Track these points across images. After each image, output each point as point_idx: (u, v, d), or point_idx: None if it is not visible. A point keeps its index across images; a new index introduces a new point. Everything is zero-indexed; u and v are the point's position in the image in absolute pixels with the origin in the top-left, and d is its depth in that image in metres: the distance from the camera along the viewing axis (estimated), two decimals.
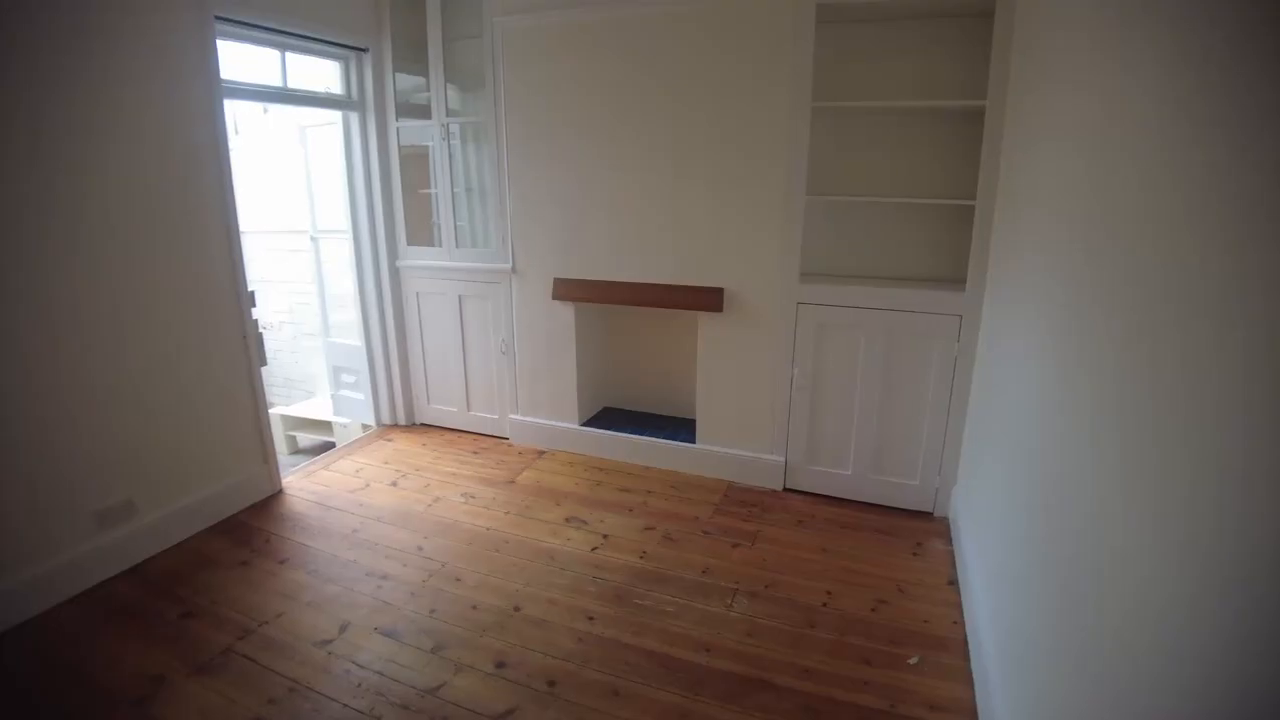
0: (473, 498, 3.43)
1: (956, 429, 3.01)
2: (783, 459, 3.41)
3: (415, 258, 4.13)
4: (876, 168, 3.22)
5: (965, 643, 2.31)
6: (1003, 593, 1.97)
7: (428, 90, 3.87)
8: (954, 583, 2.67)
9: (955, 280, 3.06)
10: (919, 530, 3.07)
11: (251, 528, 3.16)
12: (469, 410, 4.28)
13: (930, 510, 3.19)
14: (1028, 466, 1.82)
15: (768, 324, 3.28)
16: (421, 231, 4.18)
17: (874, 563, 2.81)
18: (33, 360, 2.44)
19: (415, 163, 4.11)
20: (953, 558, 2.84)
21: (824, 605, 2.54)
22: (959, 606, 2.52)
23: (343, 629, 2.44)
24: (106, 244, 2.63)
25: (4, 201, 2.31)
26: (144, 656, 2.30)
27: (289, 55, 3.48)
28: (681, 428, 3.84)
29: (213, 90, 2.95)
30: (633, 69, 3.26)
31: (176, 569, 2.81)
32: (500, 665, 2.24)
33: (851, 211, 3.30)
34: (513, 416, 4.12)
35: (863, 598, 2.58)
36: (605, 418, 4.09)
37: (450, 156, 3.95)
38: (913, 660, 2.24)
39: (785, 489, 3.44)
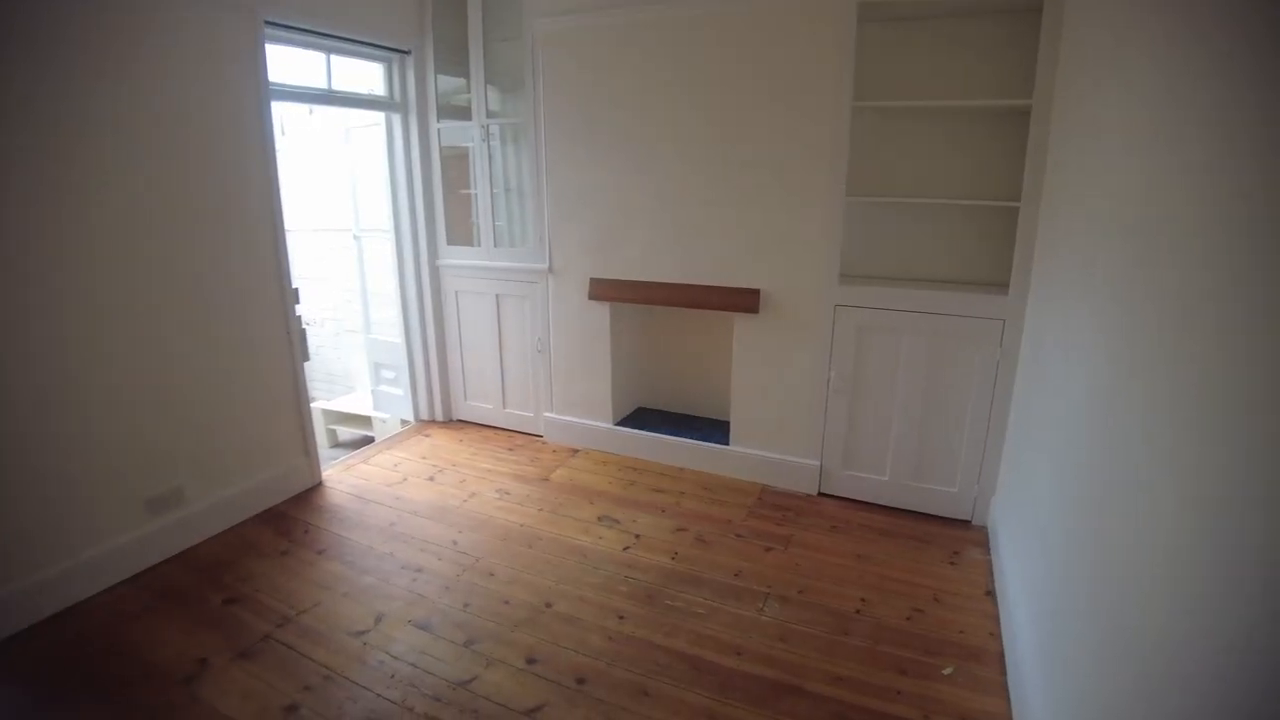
0: (507, 494, 3.47)
1: (997, 436, 2.94)
2: (818, 463, 3.37)
3: (455, 257, 4.19)
4: (917, 168, 3.16)
5: (1002, 655, 2.25)
6: (1043, 604, 1.91)
7: (468, 92, 3.93)
8: (991, 593, 2.60)
9: (997, 284, 2.99)
10: (956, 538, 3.00)
11: (292, 518, 3.24)
12: (505, 408, 4.32)
13: (968, 518, 3.11)
14: (1075, 474, 1.76)
15: (805, 326, 3.24)
16: (461, 231, 4.24)
17: (910, 570, 2.76)
18: (88, 353, 2.54)
19: (455, 163, 4.17)
20: (991, 568, 2.77)
21: (857, 612, 2.50)
22: (996, 618, 2.46)
23: (378, 620, 2.48)
24: (158, 241, 2.73)
25: (60, 199, 2.42)
26: (190, 639, 2.37)
27: (334, 58, 3.56)
28: (715, 429, 3.82)
29: (261, 92, 3.03)
30: (670, 69, 3.25)
31: (221, 556, 2.90)
32: (531, 661, 2.26)
33: (891, 213, 3.24)
34: (547, 415, 4.15)
35: (897, 606, 2.54)
36: (639, 418, 4.09)
37: (490, 157, 4.00)
38: (947, 671, 2.19)
39: (820, 494, 3.40)
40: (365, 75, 3.93)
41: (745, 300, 3.32)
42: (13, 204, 2.28)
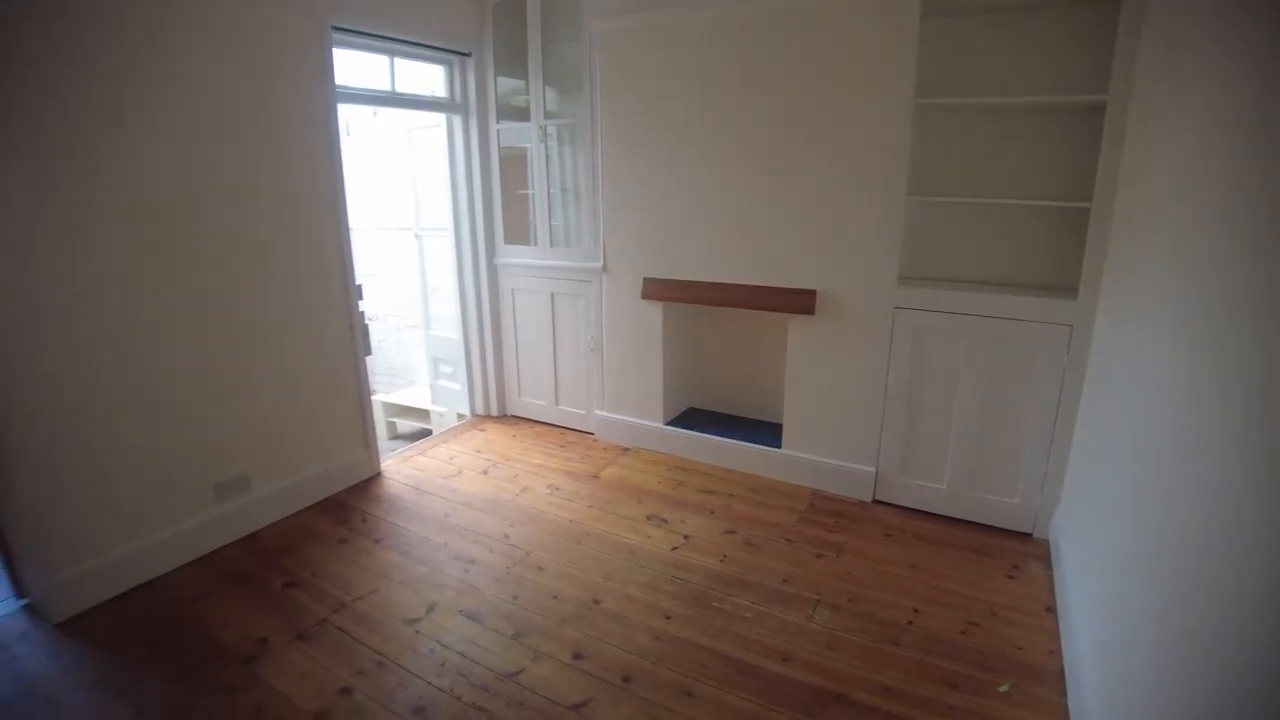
0: (558, 490, 3.50)
1: (1062, 446, 2.81)
2: (873, 469, 3.29)
3: (512, 256, 4.26)
4: (982, 167, 3.06)
5: (1062, 675, 2.16)
6: (1110, 625, 1.82)
7: (527, 93, 3.98)
8: (1052, 610, 2.50)
9: (1065, 288, 2.86)
10: (1016, 551, 2.89)
11: (351, 507, 3.35)
12: (557, 405, 4.37)
13: (1029, 531, 2.99)
14: (1152, 490, 1.67)
15: (862, 328, 3.17)
16: (518, 230, 4.31)
17: (966, 583, 2.67)
18: (165, 346, 2.69)
19: (513, 164, 4.24)
20: (1052, 583, 2.65)
21: (909, 623, 2.44)
22: (1057, 635, 2.35)
23: (430, 609, 2.54)
24: (232, 238, 2.86)
25: (144, 198, 2.56)
26: (252, 620, 2.48)
27: (397, 60, 3.67)
28: (767, 432, 3.78)
29: (328, 94, 3.14)
30: (726, 67, 3.23)
31: (283, 541, 3.02)
32: (577, 656, 2.28)
33: (954, 213, 3.14)
34: (598, 413, 4.17)
35: (952, 618, 2.46)
36: (689, 418, 4.08)
37: (547, 158, 4.04)
38: (1003, 688, 2.11)
39: (874, 500, 3.32)
40: (427, 77, 4.04)
41: (801, 301, 3.27)
42: (105, 203, 2.43)
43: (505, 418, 4.60)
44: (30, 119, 2.22)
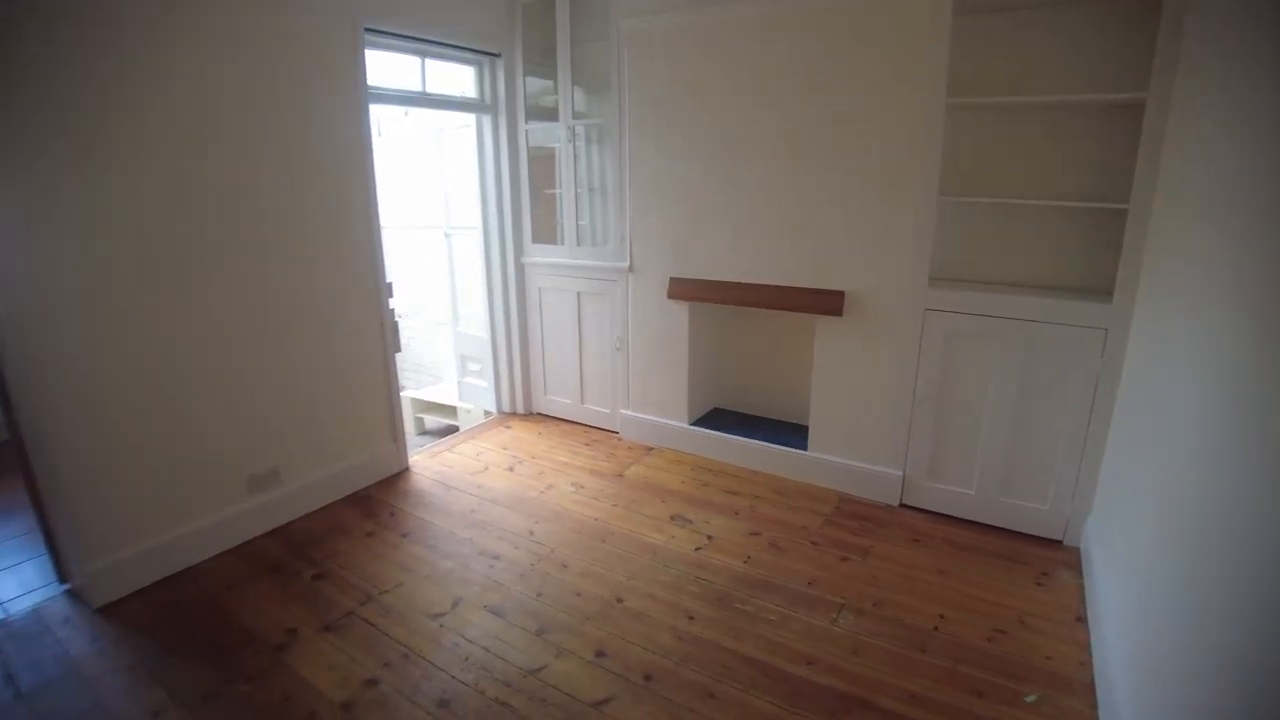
0: (582, 488, 3.52)
1: (1095, 453, 2.75)
2: (900, 473, 3.25)
3: (539, 255, 4.29)
4: (1015, 167, 3.00)
5: (1092, 686, 2.11)
6: (1144, 637, 1.78)
7: (555, 93, 4.00)
8: (1083, 620, 2.44)
9: (1100, 290, 2.80)
10: (1046, 559, 2.83)
11: (379, 501, 3.40)
12: (582, 403, 4.39)
13: (1060, 538, 2.93)
14: (1191, 499, 1.63)
15: (891, 330, 3.13)
16: (545, 230, 4.33)
17: (994, 590, 2.63)
18: (200, 341, 2.75)
19: (541, 163, 4.27)
20: (1083, 592, 2.60)
21: (935, 629, 2.40)
22: (1087, 646, 2.30)
23: (455, 604, 2.57)
24: (266, 235, 2.92)
25: (180, 197, 2.62)
26: (282, 609, 2.53)
27: (428, 61, 3.71)
28: (793, 434, 3.75)
29: (360, 95, 3.19)
30: (754, 66, 3.21)
31: (312, 533, 3.07)
32: (600, 654, 2.29)
33: (986, 214, 3.09)
34: (623, 412, 4.18)
35: (979, 625, 2.42)
36: (714, 418, 4.07)
37: (575, 157, 4.06)
38: (1030, 698, 2.07)
39: (901, 504, 3.28)
40: (457, 78, 4.08)
41: (829, 302, 3.24)
42: (146, 202, 2.50)
43: (531, 415, 4.63)
44: (86, 120, 2.30)
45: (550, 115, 4.12)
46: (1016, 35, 2.87)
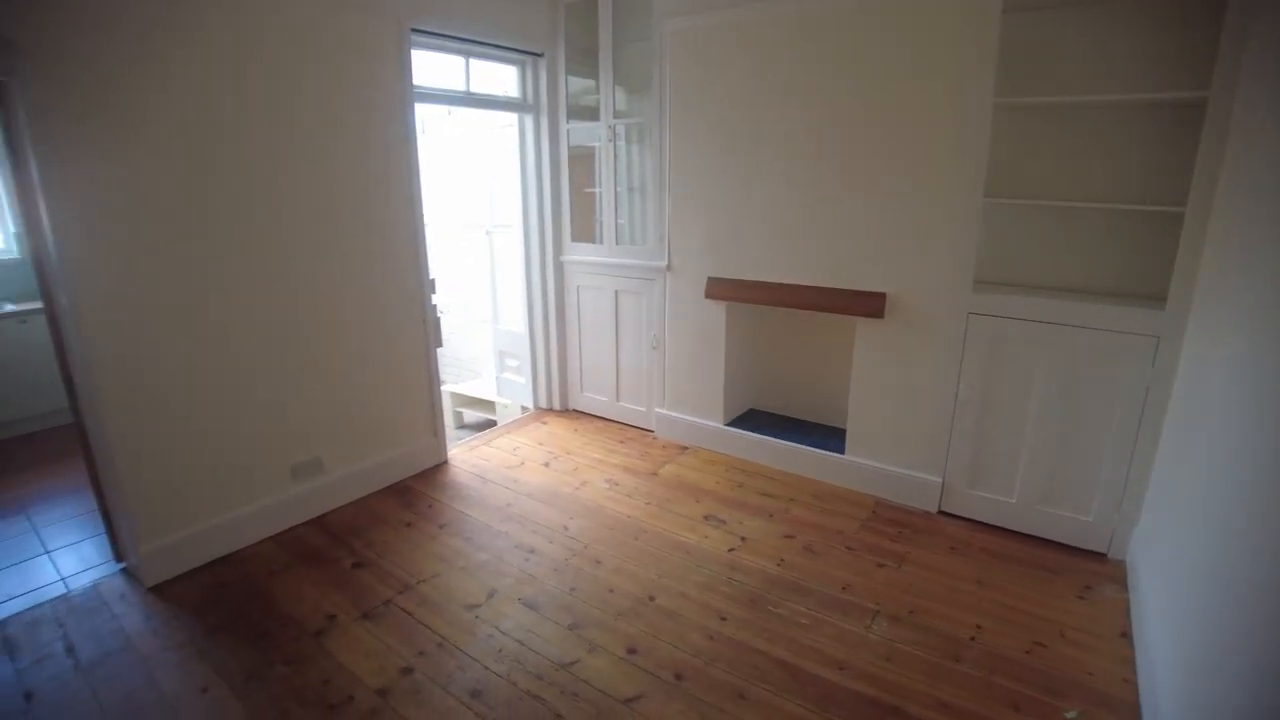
0: (616, 485, 3.54)
1: (1144, 464, 2.66)
2: (940, 479, 3.20)
3: (578, 253, 4.32)
4: (1063, 169, 2.92)
5: (1137, 707, 2.05)
6: (1196, 658, 1.72)
7: (596, 92, 4.03)
8: (1128, 636, 2.37)
9: (1152, 296, 2.72)
10: (1089, 571, 2.76)
11: (418, 493, 3.47)
12: (618, 401, 4.41)
13: (1104, 551, 2.85)
14: (1255, 516, 1.57)
15: (933, 334, 3.08)
16: (584, 228, 4.36)
17: (1033, 601, 2.57)
18: (249, 336, 2.85)
19: (581, 162, 4.30)
20: (1128, 607, 2.52)
21: (972, 639, 2.36)
22: (1132, 663, 2.23)
23: (490, 595, 2.61)
24: (315, 235, 3.01)
25: (238, 193, 2.71)
26: (322, 596, 2.60)
27: (472, 62, 3.76)
28: (830, 436, 3.72)
29: (406, 94, 3.26)
30: (795, 65, 3.19)
31: (352, 523, 3.15)
32: (631, 651, 2.30)
33: (1032, 216, 3.02)
34: (658, 410, 4.19)
35: (1017, 637, 2.37)
36: (750, 419, 4.05)
37: (615, 156, 4.08)
38: (1070, 714, 2.02)
39: (940, 511, 3.23)
40: (500, 78, 4.13)
41: (870, 304, 3.20)
42: (201, 201, 2.59)
43: (567, 412, 4.67)
44: (147, 123, 2.40)
45: (591, 115, 4.14)
46: (1066, 33, 2.80)
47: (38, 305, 3.91)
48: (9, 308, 4.29)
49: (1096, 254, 2.93)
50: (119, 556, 2.80)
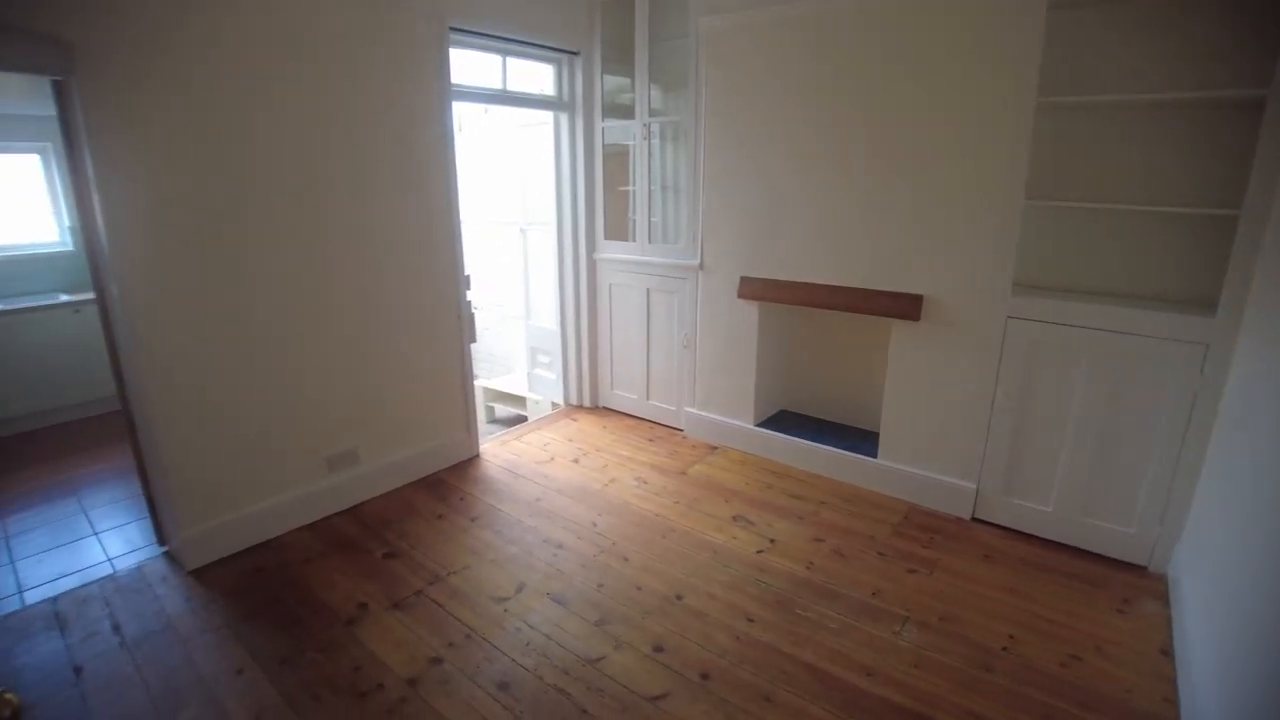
0: (645, 483, 3.54)
1: (1189, 475, 2.58)
2: (974, 486, 3.14)
3: (611, 251, 4.33)
4: (1109, 170, 2.84)
5: None
6: (1245, 681, 1.66)
7: (631, 91, 4.03)
8: (1169, 653, 2.30)
9: (1201, 302, 2.63)
10: (1128, 585, 2.68)
11: (450, 485, 3.51)
12: (648, 399, 4.42)
13: (1144, 564, 2.77)
14: None
15: (971, 338, 3.02)
16: (618, 226, 4.37)
17: (1069, 613, 2.51)
18: (288, 329, 2.91)
19: (616, 160, 4.31)
20: (1170, 623, 2.45)
21: (1004, 649, 2.31)
22: (1173, 682, 2.17)
23: (519, 589, 2.64)
24: (354, 230, 3.06)
25: (278, 189, 2.78)
26: (354, 585, 2.65)
27: (509, 60, 3.79)
28: (862, 440, 3.67)
29: (444, 92, 3.30)
30: (833, 64, 3.15)
31: (385, 514, 3.21)
32: (658, 649, 2.30)
33: (1075, 219, 2.94)
34: (688, 409, 4.18)
35: (1051, 649, 2.31)
36: (781, 420, 4.02)
37: (649, 155, 4.08)
38: None
39: (973, 518, 3.17)
40: (537, 76, 4.15)
41: (906, 306, 3.15)
42: (242, 198, 2.66)
43: (597, 409, 4.69)
44: (195, 122, 2.47)
45: (626, 113, 4.15)
46: (1113, 30, 2.72)
47: (90, 296, 4.05)
48: (63, 298, 4.45)
49: (1140, 258, 2.85)
50: (161, 540, 2.89)
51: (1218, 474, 2.38)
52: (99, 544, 2.98)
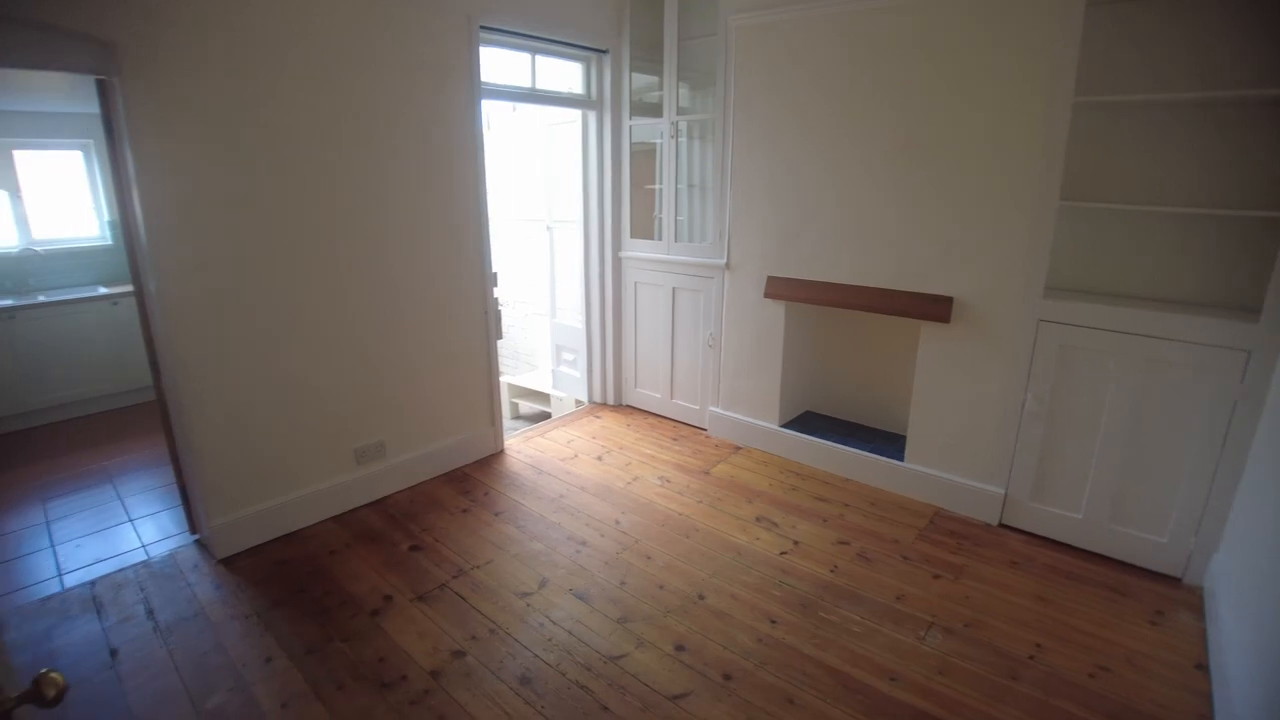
0: (668, 482, 3.54)
1: (1227, 485, 2.51)
2: (1002, 491, 3.09)
3: (636, 249, 4.34)
4: (1145, 171, 2.77)
5: None
6: None
7: (659, 89, 4.03)
8: (1204, 668, 2.24)
9: (1242, 308, 2.56)
10: (1161, 596, 2.62)
11: (475, 480, 3.54)
12: (672, 398, 4.41)
13: (1179, 575, 2.71)
14: None
15: (1001, 341, 2.98)
16: (644, 225, 4.37)
17: (1099, 623, 2.46)
18: (320, 324, 2.95)
19: (643, 159, 4.31)
20: (1205, 637, 2.39)
21: (1030, 658, 2.27)
22: (1209, 699, 2.11)
23: (541, 584, 2.65)
24: (384, 228, 3.10)
25: (312, 186, 2.82)
26: (380, 577, 2.69)
27: (538, 58, 3.81)
28: (888, 442, 3.64)
29: (474, 90, 3.32)
30: (864, 61, 3.12)
31: (410, 507, 3.25)
32: (680, 649, 2.30)
33: (1110, 220, 2.88)
34: (712, 409, 4.17)
35: (1080, 660, 2.27)
36: (806, 421, 4.00)
37: (676, 153, 4.07)
38: None
39: (1001, 524, 3.12)
40: (565, 74, 4.17)
41: (936, 308, 3.11)
42: (275, 192, 2.70)
43: (621, 407, 4.70)
44: (224, 118, 2.52)
45: (654, 111, 4.15)
46: (1154, 26, 2.65)
47: (128, 289, 4.15)
48: (102, 290, 4.57)
49: (1178, 261, 2.77)
50: (193, 528, 2.95)
51: (1258, 484, 2.32)
52: (134, 530, 3.06)
